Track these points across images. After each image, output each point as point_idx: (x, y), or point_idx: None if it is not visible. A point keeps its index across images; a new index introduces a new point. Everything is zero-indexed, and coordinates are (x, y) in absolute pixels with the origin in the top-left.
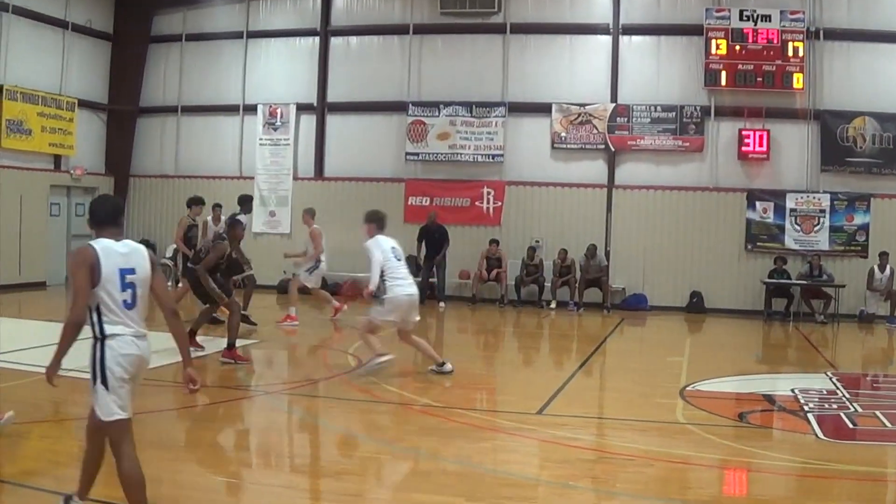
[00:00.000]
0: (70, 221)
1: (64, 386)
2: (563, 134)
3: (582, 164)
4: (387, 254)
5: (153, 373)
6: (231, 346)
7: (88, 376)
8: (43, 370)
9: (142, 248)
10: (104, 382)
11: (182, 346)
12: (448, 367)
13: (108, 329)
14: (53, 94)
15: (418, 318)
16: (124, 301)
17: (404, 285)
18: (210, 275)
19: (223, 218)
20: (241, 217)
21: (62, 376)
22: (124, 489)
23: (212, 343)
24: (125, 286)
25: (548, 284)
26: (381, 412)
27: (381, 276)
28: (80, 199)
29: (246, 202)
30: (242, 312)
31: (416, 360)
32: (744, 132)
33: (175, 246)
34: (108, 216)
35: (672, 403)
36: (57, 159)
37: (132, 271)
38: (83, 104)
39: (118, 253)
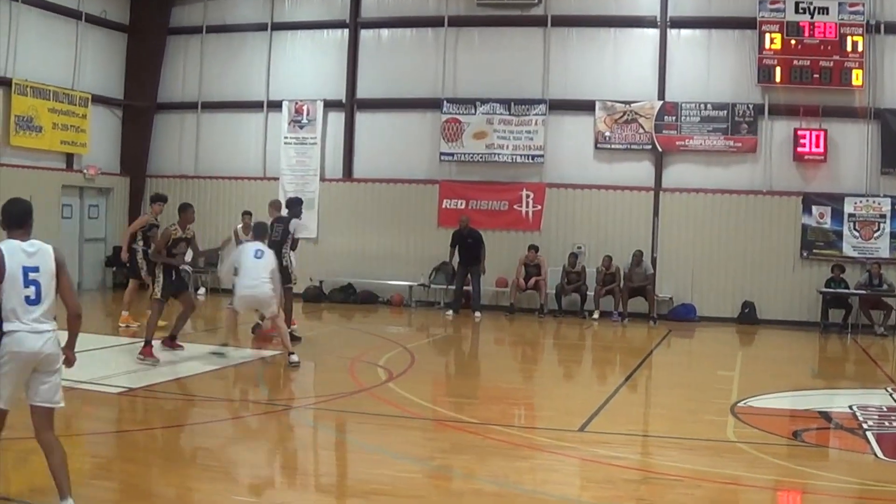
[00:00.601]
0: (83, 224)
1: (75, 399)
2: (608, 133)
3: (627, 165)
4: (236, 254)
5: (172, 385)
6: (147, 342)
7: None
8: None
9: (48, 248)
10: None
11: (72, 336)
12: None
13: (6, 326)
14: (66, 88)
15: (264, 314)
16: (27, 297)
17: (242, 285)
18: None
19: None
20: (294, 221)
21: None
22: None
23: (239, 353)
24: (28, 283)
25: (590, 293)
26: (412, 428)
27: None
28: (93, 201)
29: (294, 205)
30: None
31: (448, 372)
32: (799, 132)
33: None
34: (16, 219)
35: (722, 420)
36: (69, 158)
37: (36, 269)
38: (97, 99)
39: (23, 252)
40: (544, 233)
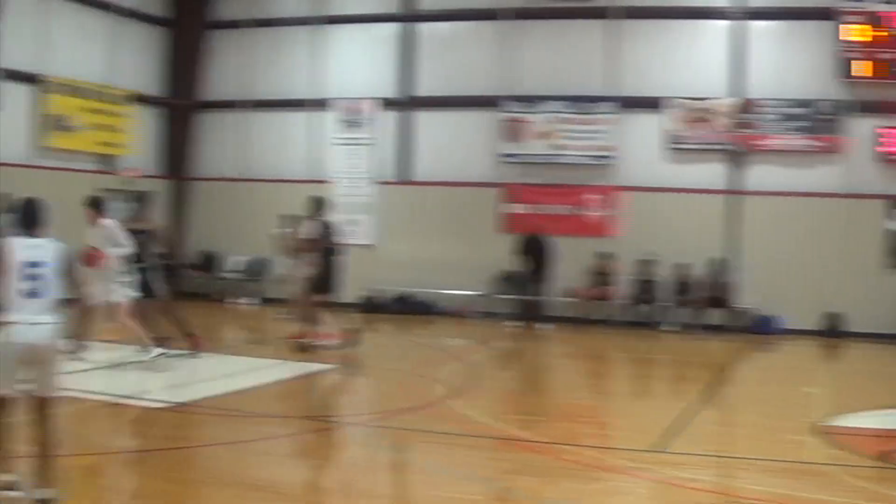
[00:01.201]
0: None
1: (114, 415)
2: (680, 133)
3: (701, 166)
4: None
5: (217, 401)
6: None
7: None
8: (91, 396)
9: (56, 244)
10: None
11: None
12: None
13: (6, 317)
14: (102, 86)
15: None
16: (27, 290)
17: None
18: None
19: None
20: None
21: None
22: None
23: (281, 367)
24: (29, 277)
25: (664, 304)
26: (474, 447)
27: None
28: (133, 206)
29: (323, 206)
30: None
31: (512, 387)
32: (883, 130)
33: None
34: (28, 218)
35: (805, 440)
36: (106, 160)
37: (39, 264)
38: (136, 98)
39: (28, 247)
40: (614, 239)
